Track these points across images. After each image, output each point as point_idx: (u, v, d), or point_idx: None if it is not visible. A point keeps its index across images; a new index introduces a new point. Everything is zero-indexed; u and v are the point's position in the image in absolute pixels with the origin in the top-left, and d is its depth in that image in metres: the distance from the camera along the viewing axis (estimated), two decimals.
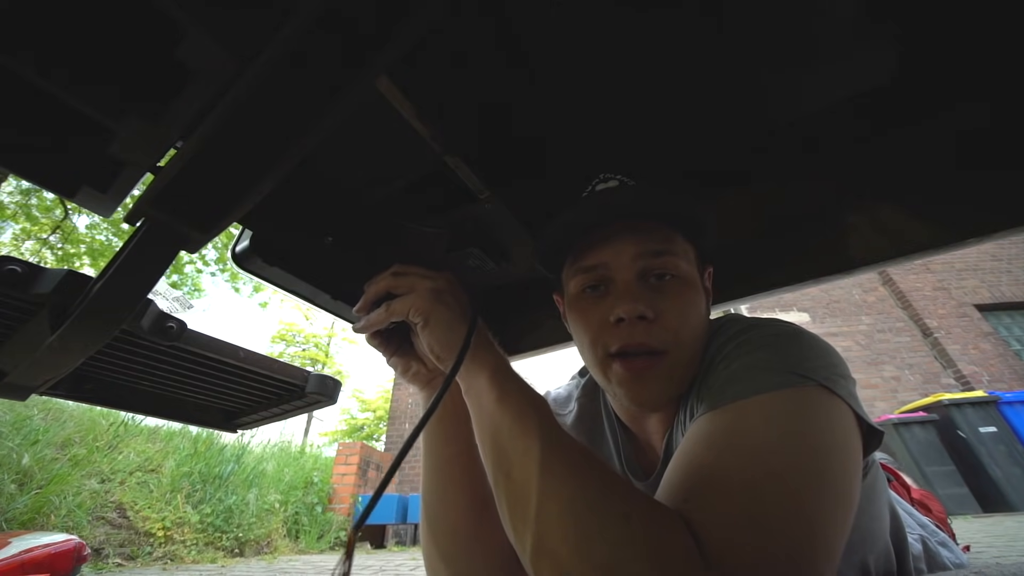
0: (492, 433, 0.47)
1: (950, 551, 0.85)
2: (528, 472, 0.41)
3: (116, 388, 0.62)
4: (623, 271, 0.54)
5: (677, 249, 0.55)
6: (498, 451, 0.45)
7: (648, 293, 0.53)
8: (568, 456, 0.41)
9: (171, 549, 3.68)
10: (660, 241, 0.54)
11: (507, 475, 0.43)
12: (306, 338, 20.21)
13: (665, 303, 0.53)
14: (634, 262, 0.54)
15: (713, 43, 0.58)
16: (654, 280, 0.54)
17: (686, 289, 0.54)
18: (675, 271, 0.54)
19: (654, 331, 0.52)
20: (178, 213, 0.34)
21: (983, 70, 0.63)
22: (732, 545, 0.34)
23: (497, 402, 0.47)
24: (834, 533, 0.37)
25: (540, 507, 0.38)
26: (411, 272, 0.57)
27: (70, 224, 6.91)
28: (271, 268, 0.66)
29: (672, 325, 0.52)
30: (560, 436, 0.44)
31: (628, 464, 0.67)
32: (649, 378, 0.53)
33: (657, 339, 0.52)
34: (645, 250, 0.54)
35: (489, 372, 0.50)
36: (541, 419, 0.45)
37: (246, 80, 0.29)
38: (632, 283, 0.54)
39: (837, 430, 0.42)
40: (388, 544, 5.15)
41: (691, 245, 0.58)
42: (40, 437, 3.55)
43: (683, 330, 0.53)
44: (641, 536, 0.34)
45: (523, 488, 0.40)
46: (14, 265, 0.39)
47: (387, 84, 0.48)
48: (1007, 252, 7.52)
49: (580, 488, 0.38)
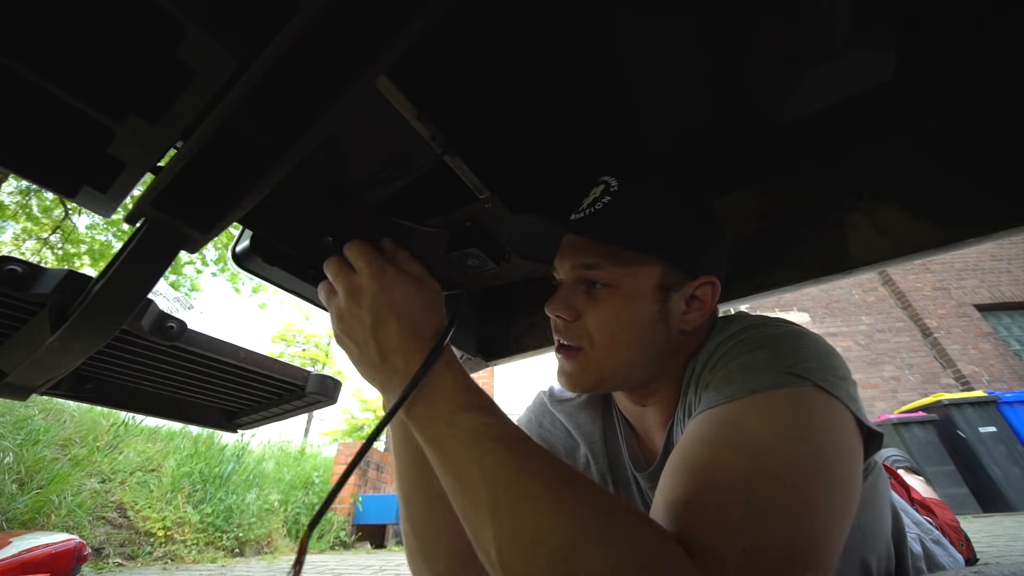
0: (439, 473, 0.42)
1: (944, 550, 0.86)
2: (481, 515, 0.37)
3: (116, 388, 0.62)
4: (564, 275, 0.62)
5: (615, 263, 0.58)
6: (450, 493, 0.41)
7: (579, 296, 0.60)
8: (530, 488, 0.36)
9: (171, 549, 3.68)
10: (594, 255, 0.59)
11: (462, 518, 0.40)
12: (306, 338, 20.20)
13: (588, 307, 0.59)
14: (571, 271, 0.61)
15: (713, 43, 0.58)
16: (588, 287, 0.60)
17: (616, 297, 0.58)
18: (606, 282, 0.58)
19: (572, 328, 0.60)
20: (178, 213, 0.34)
21: (983, 70, 0.63)
22: (732, 547, 0.34)
23: (434, 441, 0.43)
24: (832, 533, 0.37)
25: (501, 553, 0.35)
26: (342, 271, 0.50)
27: (70, 224, 6.91)
28: (271, 268, 0.66)
29: (588, 327, 0.58)
30: (522, 466, 0.38)
31: (631, 454, 0.69)
32: (566, 366, 0.61)
33: (573, 336, 0.60)
34: (578, 262, 0.60)
35: (422, 403, 0.44)
36: (490, 453, 0.39)
37: (246, 80, 0.29)
38: (566, 287, 0.62)
39: (835, 431, 0.42)
40: (388, 544, 5.15)
41: (654, 259, 0.57)
42: (40, 437, 3.55)
43: (598, 333, 0.58)
44: (626, 560, 0.31)
45: (481, 533, 0.37)
46: (14, 265, 0.39)
47: (387, 84, 0.48)
48: (1007, 252, 7.52)
49: (551, 525, 0.34)
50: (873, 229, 0.75)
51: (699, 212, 0.61)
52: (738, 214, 0.85)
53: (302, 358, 19.42)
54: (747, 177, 0.83)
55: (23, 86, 0.32)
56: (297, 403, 0.70)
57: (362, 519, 5.23)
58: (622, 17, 0.56)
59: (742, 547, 0.34)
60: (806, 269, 0.80)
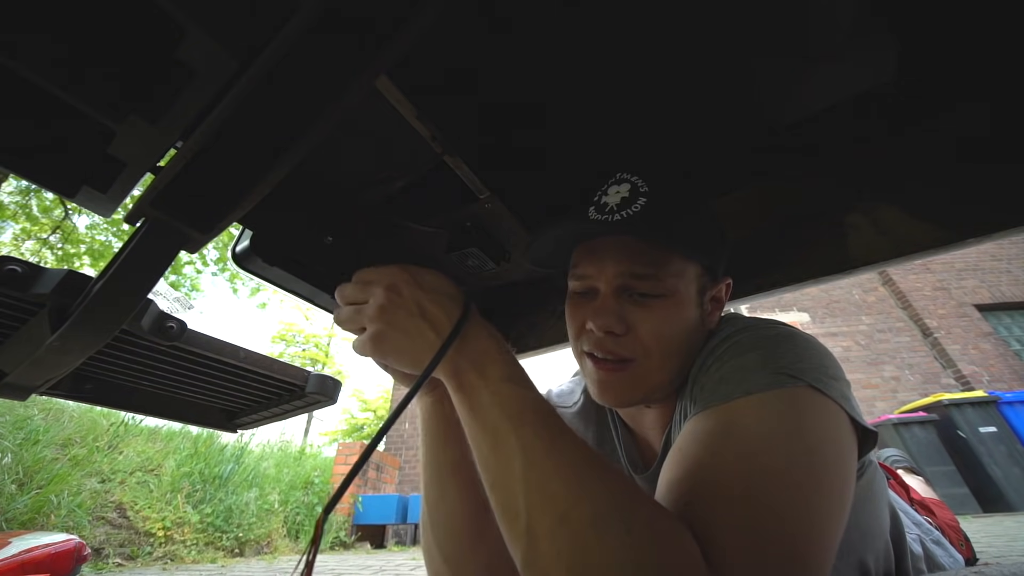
0: (475, 441, 0.43)
1: (944, 550, 0.86)
2: (513, 485, 0.38)
3: (116, 388, 0.62)
4: (605, 285, 0.57)
5: (665, 272, 0.55)
6: (483, 460, 0.42)
7: (626, 307, 0.56)
8: (561, 464, 0.38)
9: (171, 549, 3.68)
10: (646, 264, 0.55)
11: (491, 485, 0.41)
12: (306, 338, 20.20)
13: (640, 318, 0.55)
14: (615, 279, 0.56)
15: (713, 42, 0.58)
16: (636, 296, 0.56)
17: (668, 306, 0.55)
18: (658, 291, 0.55)
19: (623, 342, 0.55)
20: (178, 213, 0.34)
21: (983, 70, 0.63)
22: (732, 548, 0.34)
23: (476, 409, 0.44)
24: (828, 530, 0.38)
25: (530, 523, 0.36)
26: (370, 280, 0.51)
27: (70, 224, 6.91)
28: (271, 268, 0.66)
29: (643, 339, 0.55)
30: (554, 441, 0.40)
31: (628, 456, 0.69)
32: (614, 380, 0.57)
33: (626, 349, 0.56)
34: (627, 271, 0.55)
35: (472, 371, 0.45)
36: (528, 424, 0.41)
37: (246, 80, 0.29)
38: (609, 297, 0.56)
39: (828, 430, 0.43)
40: (388, 544, 5.15)
41: (695, 263, 0.57)
42: (40, 437, 3.55)
43: (654, 344, 0.55)
44: (644, 548, 0.32)
45: (510, 502, 0.38)
46: (14, 265, 0.39)
47: (387, 84, 0.48)
48: (1007, 252, 7.52)
49: (576, 502, 0.35)
50: (873, 229, 0.75)
51: (713, 212, 0.62)
52: (738, 214, 0.85)
53: (302, 358, 19.41)
54: (747, 177, 0.83)
55: (23, 86, 0.32)
56: (297, 403, 0.70)
57: (362, 519, 5.23)
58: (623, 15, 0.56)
59: (741, 547, 0.34)
60: (806, 269, 0.80)
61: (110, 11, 0.30)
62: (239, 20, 0.29)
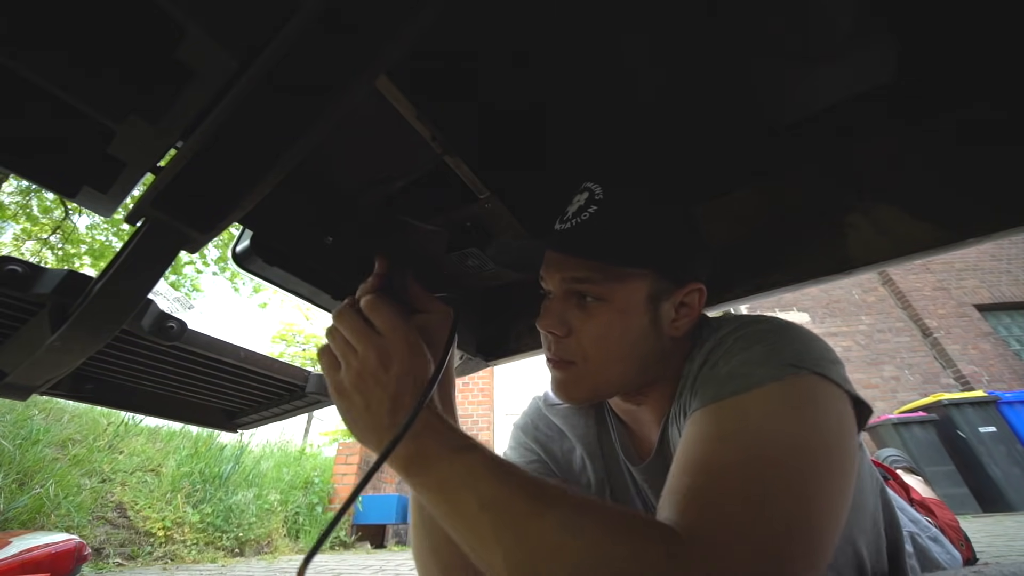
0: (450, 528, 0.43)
1: (941, 547, 0.86)
2: (491, 551, 0.39)
3: (116, 388, 0.62)
4: (555, 288, 0.61)
5: (604, 277, 0.57)
6: (457, 530, 0.42)
7: (572, 310, 0.59)
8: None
9: (171, 549, 3.68)
10: (587, 270, 0.58)
11: (474, 553, 0.41)
12: (306, 338, 20.16)
13: (582, 322, 0.58)
14: (561, 284, 0.60)
15: (712, 43, 0.58)
16: (579, 300, 0.59)
17: (609, 311, 0.57)
18: (597, 295, 0.58)
19: (565, 344, 0.59)
20: (178, 213, 0.34)
21: (983, 69, 0.63)
22: (737, 540, 0.36)
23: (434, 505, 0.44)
24: (832, 519, 0.40)
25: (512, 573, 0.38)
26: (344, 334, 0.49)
27: (70, 224, 6.91)
28: (271, 268, 0.66)
29: (582, 342, 0.58)
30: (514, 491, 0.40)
31: (624, 449, 0.71)
32: (561, 379, 0.61)
33: (567, 351, 0.59)
34: (567, 276, 0.59)
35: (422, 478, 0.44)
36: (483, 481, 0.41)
37: (246, 80, 0.29)
38: (556, 301, 0.61)
39: (833, 413, 0.45)
40: (388, 544, 5.15)
41: (645, 269, 0.58)
42: (40, 437, 3.55)
43: (592, 348, 0.58)
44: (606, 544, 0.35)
45: (493, 564, 0.39)
46: (15, 265, 0.39)
47: (387, 84, 0.48)
48: (1007, 252, 7.52)
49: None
50: (873, 229, 0.75)
51: (683, 218, 0.61)
52: (738, 214, 0.85)
53: (302, 358, 19.38)
54: (747, 177, 0.83)
55: (23, 86, 0.32)
56: (297, 403, 0.70)
57: (362, 519, 5.23)
58: (624, 16, 0.56)
59: (746, 537, 0.36)
60: (806, 269, 0.80)
61: (110, 11, 0.30)
62: (239, 20, 0.29)
